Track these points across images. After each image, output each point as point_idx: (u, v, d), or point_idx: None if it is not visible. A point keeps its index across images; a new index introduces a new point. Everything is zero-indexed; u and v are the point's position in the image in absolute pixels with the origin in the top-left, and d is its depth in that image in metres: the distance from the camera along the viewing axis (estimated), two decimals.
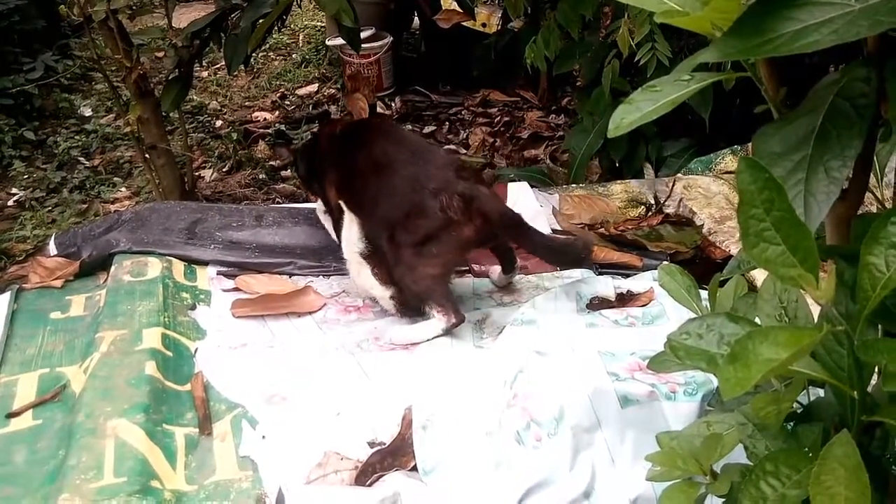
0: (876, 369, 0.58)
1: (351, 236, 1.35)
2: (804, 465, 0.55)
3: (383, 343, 1.28)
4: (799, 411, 0.67)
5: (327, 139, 1.44)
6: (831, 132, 0.55)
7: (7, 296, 1.39)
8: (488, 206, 1.25)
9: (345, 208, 1.36)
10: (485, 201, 1.25)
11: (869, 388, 0.59)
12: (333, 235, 1.49)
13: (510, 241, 1.34)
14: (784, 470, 0.55)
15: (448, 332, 1.27)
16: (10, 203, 2.47)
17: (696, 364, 0.57)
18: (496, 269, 1.43)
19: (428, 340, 1.26)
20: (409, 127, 2.89)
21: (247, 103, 3.21)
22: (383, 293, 1.33)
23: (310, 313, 1.38)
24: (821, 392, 0.67)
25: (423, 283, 1.26)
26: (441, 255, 1.25)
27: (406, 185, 1.25)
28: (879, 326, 0.56)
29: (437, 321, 1.26)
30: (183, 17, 2.88)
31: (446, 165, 1.28)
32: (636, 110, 0.59)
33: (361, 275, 1.35)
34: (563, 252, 1.36)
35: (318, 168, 1.45)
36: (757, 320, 0.69)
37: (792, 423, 0.66)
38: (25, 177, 2.58)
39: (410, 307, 1.32)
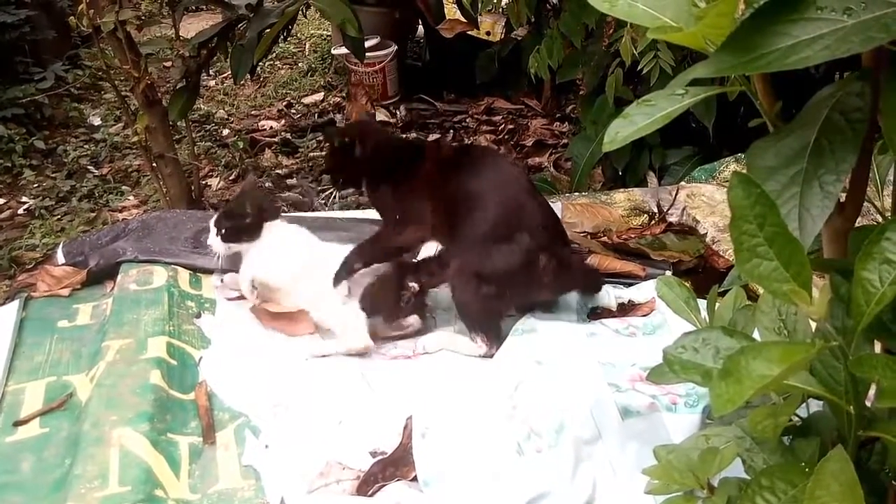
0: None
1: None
2: (800, 480, 0.55)
3: (418, 348, 1.29)
4: (798, 425, 0.67)
5: (438, 161, 1.33)
6: (826, 146, 0.55)
7: (15, 304, 1.40)
8: (577, 275, 1.30)
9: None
10: (575, 271, 1.30)
11: (868, 403, 0.59)
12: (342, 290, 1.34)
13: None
14: (780, 485, 0.55)
15: (479, 357, 1.27)
16: (20, 211, 2.50)
17: (691, 378, 0.58)
18: None
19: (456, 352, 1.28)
20: (414, 135, 2.90)
21: (253, 112, 3.23)
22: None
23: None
24: (821, 405, 0.67)
25: (483, 313, 1.27)
26: (510, 298, 1.28)
27: (514, 226, 1.23)
28: (875, 341, 0.56)
29: (476, 346, 1.27)
30: (190, 28, 2.92)
31: (554, 221, 1.30)
32: (631, 124, 0.59)
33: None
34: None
35: (401, 199, 1.33)
36: (756, 333, 0.69)
37: (790, 437, 0.66)
38: (35, 185, 2.61)
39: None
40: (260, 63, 2.67)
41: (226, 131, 3.05)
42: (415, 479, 1.03)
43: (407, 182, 1.32)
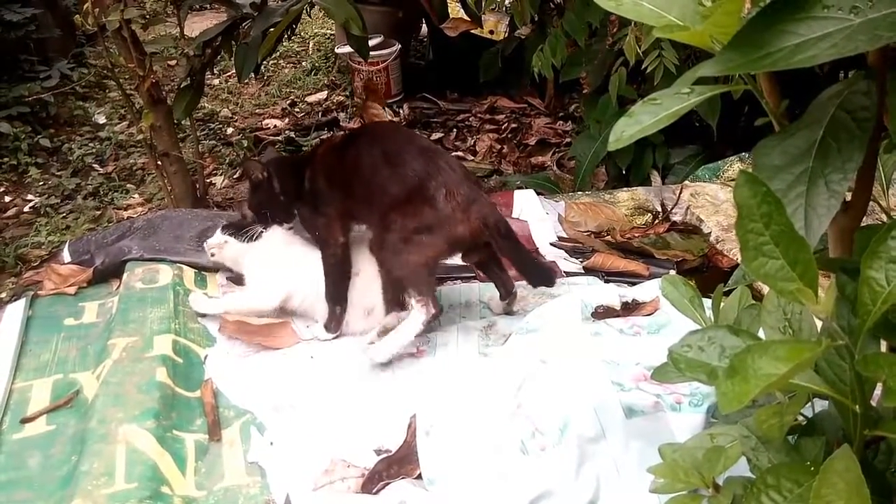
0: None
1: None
2: (806, 478, 0.55)
3: (369, 362, 1.26)
4: (803, 424, 0.67)
5: (327, 152, 1.40)
6: (832, 145, 0.55)
7: (22, 302, 1.41)
8: (487, 211, 1.27)
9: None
10: (485, 206, 1.28)
11: (874, 402, 0.59)
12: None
13: (499, 250, 1.32)
14: (786, 483, 0.55)
15: (427, 325, 1.26)
16: (25, 209, 2.51)
17: (697, 376, 0.58)
18: (495, 297, 1.42)
19: (410, 343, 1.27)
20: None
21: (257, 110, 3.24)
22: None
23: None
24: (826, 404, 0.67)
25: (407, 268, 1.27)
26: (430, 246, 1.27)
27: (415, 175, 1.27)
28: (882, 340, 0.56)
29: (416, 314, 1.25)
30: (195, 27, 2.91)
31: (455, 166, 1.31)
32: (636, 123, 0.59)
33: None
34: (540, 275, 1.35)
35: (311, 187, 1.38)
36: (761, 332, 0.69)
37: (795, 436, 0.66)
38: (41, 183, 2.62)
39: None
40: (264, 62, 2.67)
41: (230, 130, 3.06)
42: (419, 477, 1.03)
43: (314, 186, 1.36)
